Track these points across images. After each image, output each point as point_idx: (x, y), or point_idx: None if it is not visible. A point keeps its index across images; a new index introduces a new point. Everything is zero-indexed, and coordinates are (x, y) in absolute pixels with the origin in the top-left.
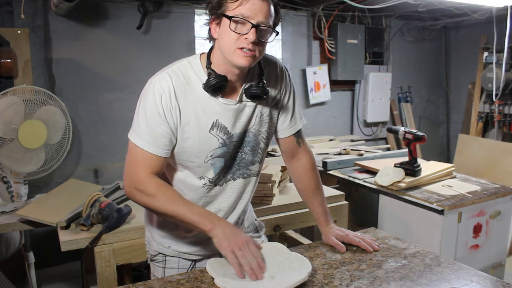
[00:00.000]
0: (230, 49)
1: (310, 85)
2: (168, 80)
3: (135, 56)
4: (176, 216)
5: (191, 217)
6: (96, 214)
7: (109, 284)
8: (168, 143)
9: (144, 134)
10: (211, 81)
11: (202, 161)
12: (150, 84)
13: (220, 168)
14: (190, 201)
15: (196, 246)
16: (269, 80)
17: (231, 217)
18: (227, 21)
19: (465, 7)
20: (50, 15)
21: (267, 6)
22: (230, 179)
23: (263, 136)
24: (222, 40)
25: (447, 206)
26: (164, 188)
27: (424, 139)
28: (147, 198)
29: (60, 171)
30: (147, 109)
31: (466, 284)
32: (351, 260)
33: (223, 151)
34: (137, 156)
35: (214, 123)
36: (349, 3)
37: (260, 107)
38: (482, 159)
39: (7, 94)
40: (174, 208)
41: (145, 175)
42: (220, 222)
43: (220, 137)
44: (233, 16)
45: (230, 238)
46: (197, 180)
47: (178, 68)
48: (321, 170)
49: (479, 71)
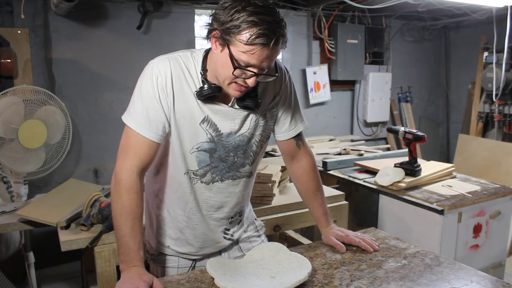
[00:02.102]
0: (226, 81)
1: (310, 85)
2: (166, 65)
3: (135, 56)
4: (116, 229)
5: (121, 244)
6: (96, 214)
7: (109, 284)
8: (161, 128)
9: (139, 117)
10: (204, 91)
11: (188, 151)
12: (149, 66)
13: (206, 164)
14: (138, 228)
15: (195, 247)
16: (267, 84)
17: (217, 214)
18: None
19: (465, 7)
20: (50, 15)
21: (276, 52)
22: (218, 180)
23: (257, 139)
24: (221, 68)
25: (447, 206)
26: (132, 196)
27: (424, 139)
28: (114, 191)
29: (60, 171)
30: (143, 90)
31: (466, 284)
32: (351, 260)
33: (210, 147)
34: (130, 140)
35: (205, 118)
36: (349, 3)
37: (255, 112)
38: (482, 159)
39: (7, 94)
40: (120, 222)
41: (130, 167)
42: (130, 268)
43: (209, 132)
44: (238, 66)
45: (123, 282)
46: (183, 176)
47: (179, 56)
48: (321, 170)
49: (479, 71)
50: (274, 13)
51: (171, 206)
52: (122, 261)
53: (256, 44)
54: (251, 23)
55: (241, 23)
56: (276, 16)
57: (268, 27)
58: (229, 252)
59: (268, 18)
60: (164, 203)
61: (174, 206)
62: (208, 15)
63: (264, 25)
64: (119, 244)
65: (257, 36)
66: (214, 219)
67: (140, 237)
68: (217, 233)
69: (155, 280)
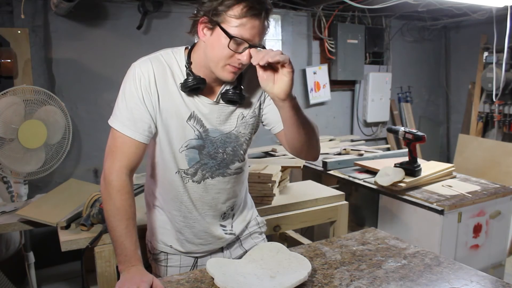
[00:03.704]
0: (219, 64)
1: (310, 85)
2: (148, 65)
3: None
4: (110, 230)
5: (118, 245)
6: (96, 214)
7: (109, 284)
8: (147, 129)
9: (123, 118)
10: (188, 82)
11: (177, 150)
12: (131, 68)
13: (196, 162)
14: (133, 228)
15: (197, 244)
16: (252, 81)
17: (211, 211)
18: (222, 34)
19: (465, 7)
20: (50, 15)
21: (265, 26)
22: (209, 177)
23: (246, 138)
24: (212, 51)
25: (447, 206)
26: (124, 196)
27: (424, 139)
28: (105, 192)
29: (60, 171)
30: (126, 92)
31: (466, 284)
32: (351, 260)
33: (198, 144)
34: (116, 141)
35: (192, 115)
36: (349, 3)
37: (241, 109)
38: (482, 159)
39: (7, 94)
40: (115, 223)
41: (119, 168)
42: (129, 268)
43: (197, 129)
44: (233, 36)
45: (123, 282)
46: (175, 175)
47: (161, 55)
48: (321, 170)
49: (479, 71)
50: None
51: (167, 207)
52: (121, 261)
53: (248, 16)
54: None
55: (228, 1)
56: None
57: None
58: (230, 250)
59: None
60: (161, 204)
61: (170, 207)
62: None
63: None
64: (115, 245)
65: (248, 8)
66: (210, 216)
67: (135, 236)
68: (217, 229)
69: (155, 279)
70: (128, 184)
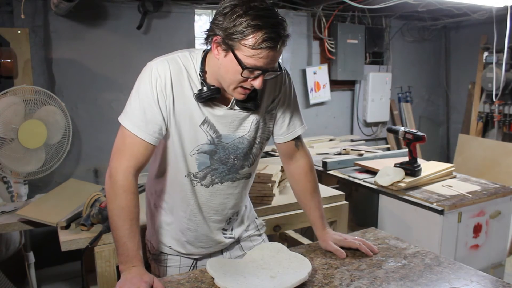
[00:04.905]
0: (231, 86)
1: (310, 85)
2: (165, 66)
3: (135, 56)
4: (113, 230)
5: (120, 245)
6: (96, 214)
7: (109, 284)
8: (157, 131)
9: (135, 118)
10: (203, 93)
11: (188, 153)
12: (147, 68)
13: (206, 166)
14: (136, 229)
15: (197, 247)
16: (266, 86)
17: (216, 216)
18: (235, 61)
19: (465, 7)
20: (50, 15)
21: (281, 53)
22: (218, 182)
23: (257, 142)
24: (226, 74)
25: (447, 206)
26: (129, 196)
27: (424, 139)
28: (110, 191)
29: (60, 171)
30: (141, 92)
31: (466, 284)
32: (351, 260)
33: (210, 149)
34: (126, 140)
35: (205, 120)
36: (349, 3)
37: (255, 114)
38: (482, 159)
39: (7, 94)
40: (119, 223)
41: (127, 167)
42: (130, 269)
43: (210, 134)
44: (246, 67)
45: (123, 282)
46: (184, 178)
47: (178, 57)
48: (321, 170)
49: (479, 71)
50: (275, 14)
51: (174, 208)
52: (122, 261)
53: (263, 48)
54: (256, 27)
55: (245, 28)
56: (278, 18)
57: (273, 29)
58: (230, 251)
59: (272, 21)
60: (167, 204)
61: (177, 207)
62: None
63: (269, 28)
64: (118, 245)
65: (263, 40)
66: (213, 221)
67: (138, 237)
68: (218, 234)
69: (156, 280)
70: (134, 185)
